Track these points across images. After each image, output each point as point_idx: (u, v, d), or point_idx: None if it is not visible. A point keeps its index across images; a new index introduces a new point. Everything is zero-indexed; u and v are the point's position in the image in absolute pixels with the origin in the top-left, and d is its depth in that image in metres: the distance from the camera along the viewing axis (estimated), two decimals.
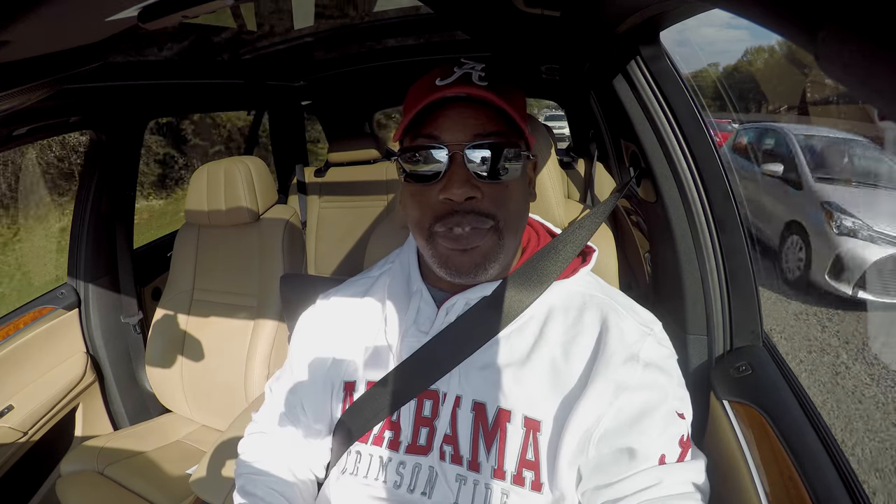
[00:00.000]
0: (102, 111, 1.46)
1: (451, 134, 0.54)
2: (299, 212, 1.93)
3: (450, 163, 0.54)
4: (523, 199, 0.59)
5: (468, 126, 0.54)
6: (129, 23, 0.64)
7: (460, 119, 0.54)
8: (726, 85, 3.87)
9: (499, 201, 0.55)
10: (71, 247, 1.62)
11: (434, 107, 0.55)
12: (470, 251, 0.55)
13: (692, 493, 0.53)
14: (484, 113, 0.54)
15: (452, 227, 0.54)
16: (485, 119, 0.54)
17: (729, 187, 0.78)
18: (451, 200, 0.54)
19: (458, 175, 0.53)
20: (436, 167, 0.54)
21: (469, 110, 0.54)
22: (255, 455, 0.69)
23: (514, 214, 0.57)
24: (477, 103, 0.55)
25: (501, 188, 0.55)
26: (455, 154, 0.54)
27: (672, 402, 0.55)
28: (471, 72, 0.55)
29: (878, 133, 4.20)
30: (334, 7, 1.37)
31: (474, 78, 0.54)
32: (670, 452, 0.53)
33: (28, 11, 0.44)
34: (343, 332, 0.67)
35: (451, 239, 0.55)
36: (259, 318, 1.43)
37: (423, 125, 0.56)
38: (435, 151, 0.54)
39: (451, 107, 0.55)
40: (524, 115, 0.60)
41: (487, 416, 0.56)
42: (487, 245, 0.55)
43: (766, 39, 13.95)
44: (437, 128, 0.55)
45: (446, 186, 0.53)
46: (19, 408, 1.35)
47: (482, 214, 0.54)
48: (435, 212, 0.55)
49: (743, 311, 0.79)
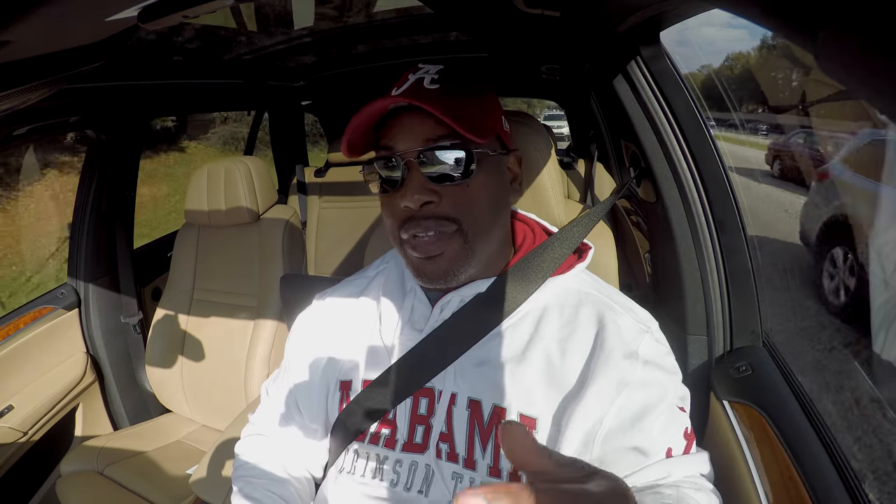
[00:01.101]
0: (102, 111, 1.46)
1: (404, 142, 0.56)
2: (299, 212, 1.93)
3: (406, 170, 0.55)
4: (491, 197, 0.58)
5: (416, 133, 0.55)
6: (129, 23, 0.64)
7: (409, 127, 0.55)
8: (702, 89, 3.67)
9: (460, 203, 0.55)
10: (71, 247, 1.62)
11: (388, 117, 0.57)
12: (436, 258, 0.56)
13: (703, 482, 0.54)
14: (433, 118, 0.54)
15: (416, 234, 0.55)
16: (433, 124, 0.55)
17: (729, 187, 0.78)
18: (409, 207, 0.55)
19: (413, 182, 0.54)
20: (395, 176, 0.56)
21: (418, 117, 0.55)
22: (253, 457, 0.69)
23: (482, 215, 0.57)
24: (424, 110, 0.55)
25: (461, 190, 0.55)
26: (409, 161, 0.55)
27: (672, 398, 0.56)
28: (424, 76, 0.57)
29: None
30: (334, 7, 1.37)
31: (426, 82, 0.56)
32: (676, 445, 0.54)
33: (28, 11, 0.44)
34: (339, 331, 0.67)
35: (415, 247, 0.56)
36: (259, 318, 1.43)
37: (380, 137, 0.58)
38: (391, 161, 0.56)
39: (402, 115, 0.56)
40: (485, 108, 0.60)
41: (483, 413, 0.56)
42: (453, 250, 0.56)
43: (765, 39, 13.98)
44: (391, 138, 0.56)
45: (402, 194, 0.55)
46: (19, 408, 1.35)
47: (442, 218, 0.55)
48: (399, 219, 0.57)
49: (743, 311, 0.79)
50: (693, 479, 0.54)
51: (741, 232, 0.78)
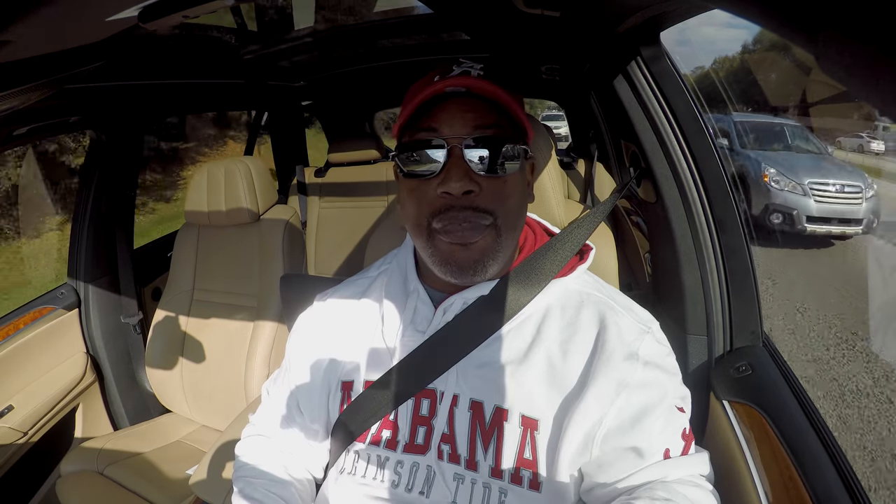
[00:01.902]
0: (102, 111, 1.46)
1: (450, 128, 0.54)
2: (299, 212, 1.93)
3: (448, 156, 0.53)
4: (522, 196, 0.59)
5: (467, 119, 0.54)
6: (129, 23, 0.64)
7: (459, 112, 0.54)
8: (699, 88, 4.06)
9: (497, 197, 0.55)
10: (71, 247, 1.62)
11: (433, 103, 0.55)
12: (469, 246, 0.54)
13: (701, 482, 0.54)
14: (483, 107, 0.54)
15: (450, 223, 0.54)
16: (484, 112, 0.54)
17: (729, 187, 0.78)
18: (448, 194, 0.53)
19: (457, 169, 0.53)
20: (434, 161, 0.54)
21: (468, 104, 0.54)
22: (253, 457, 0.69)
23: (513, 212, 0.57)
24: (476, 98, 0.55)
25: (500, 183, 0.55)
26: (454, 147, 0.53)
27: (672, 398, 0.56)
28: (469, 69, 0.55)
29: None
30: (334, 7, 1.37)
31: (473, 75, 0.54)
32: (674, 446, 0.54)
33: (28, 11, 0.44)
34: (340, 332, 0.67)
35: (448, 234, 0.54)
36: (259, 318, 1.43)
37: (422, 119, 0.56)
38: (434, 145, 0.54)
39: (451, 101, 0.55)
40: (523, 111, 0.60)
41: (485, 414, 0.56)
42: (486, 242, 0.55)
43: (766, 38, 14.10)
44: (436, 121, 0.54)
45: (444, 180, 0.53)
46: (19, 408, 1.34)
47: (480, 210, 0.54)
48: (433, 207, 0.54)
49: (743, 311, 0.79)
50: (691, 479, 0.54)
51: (741, 232, 0.78)
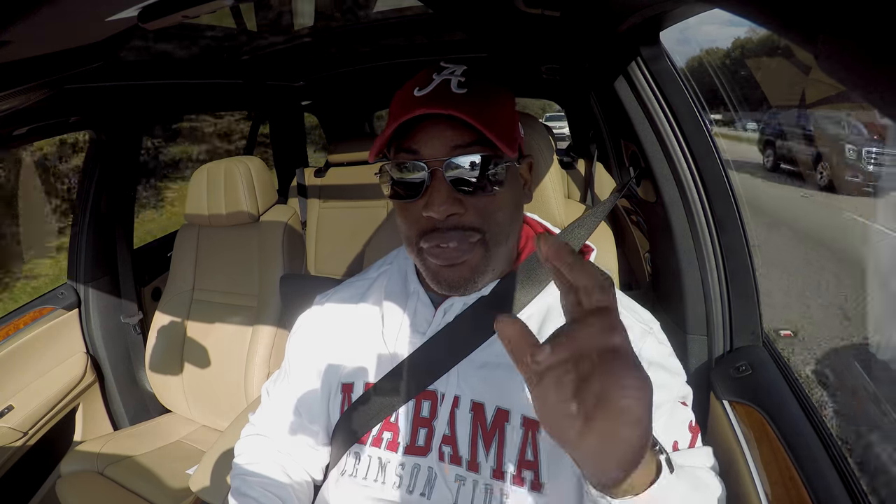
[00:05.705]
0: (102, 111, 1.46)
1: (430, 148, 0.53)
2: (299, 213, 1.93)
3: (430, 178, 0.52)
4: (512, 207, 0.58)
5: (446, 139, 0.52)
6: (129, 23, 0.64)
7: (437, 133, 0.53)
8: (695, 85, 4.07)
9: (484, 213, 0.54)
10: (71, 247, 1.62)
11: (413, 120, 0.54)
12: (458, 266, 0.54)
13: (708, 471, 0.54)
14: (462, 124, 0.52)
15: (438, 244, 0.53)
16: (462, 130, 0.52)
17: (729, 187, 0.78)
18: (433, 217, 0.53)
19: (439, 191, 0.52)
20: (417, 182, 0.53)
21: (446, 123, 0.52)
22: (251, 456, 0.69)
23: (503, 224, 0.56)
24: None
25: (487, 199, 0.54)
26: (435, 171, 0.52)
27: (676, 397, 0.56)
28: (449, 78, 0.54)
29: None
30: (334, 7, 1.37)
31: (453, 85, 0.53)
32: (682, 439, 0.54)
33: (28, 11, 0.44)
34: (340, 333, 0.67)
35: (436, 256, 0.54)
36: (259, 318, 1.43)
37: (405, 138, 0.55)
38: (415, 166, 0.53)
39: (429, 120, 0.53)
40: (510, 116, 0.58)
41: (486, 416, 0.56)
42: (475, 259, 0.55)
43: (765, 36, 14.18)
44: (415, 142, 0.53)
45: (427, 204, 0.52)
46: (19, 408, 1.34)
47: (467, 228, 0.53)
48: (420, 227, 0.54)
49: (743, 311, 0.79)
50: (702, 468, 0.54)
51: (741, 232, 0.78)
